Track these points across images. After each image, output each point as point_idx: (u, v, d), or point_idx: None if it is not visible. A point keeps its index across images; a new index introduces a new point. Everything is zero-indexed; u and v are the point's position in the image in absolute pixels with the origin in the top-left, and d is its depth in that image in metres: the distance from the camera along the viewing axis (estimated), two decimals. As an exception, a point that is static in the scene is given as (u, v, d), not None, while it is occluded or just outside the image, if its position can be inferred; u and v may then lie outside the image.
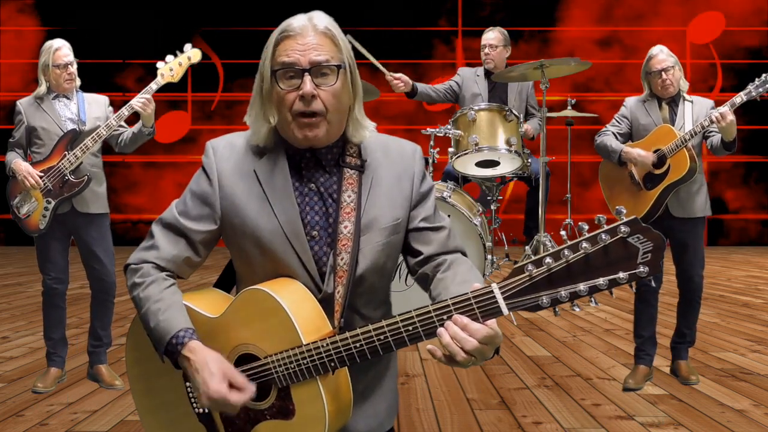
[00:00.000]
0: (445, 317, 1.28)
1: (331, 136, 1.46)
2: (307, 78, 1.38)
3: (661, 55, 3.33)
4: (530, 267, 1.21)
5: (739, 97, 3.20)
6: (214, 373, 1.35)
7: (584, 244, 1.17)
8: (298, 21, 1.42)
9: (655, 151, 3.33)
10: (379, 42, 7.64)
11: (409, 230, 1.52)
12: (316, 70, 1.39)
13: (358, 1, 10.13)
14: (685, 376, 3.37)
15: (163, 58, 3.40)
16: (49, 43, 3.38)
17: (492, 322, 1.26)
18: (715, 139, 3.32)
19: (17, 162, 3.29)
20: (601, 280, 1.16)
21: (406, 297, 4.07)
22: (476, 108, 4.85)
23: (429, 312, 1.29)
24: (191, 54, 3.41)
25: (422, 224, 1.52)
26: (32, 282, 6.74)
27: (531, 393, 3.25)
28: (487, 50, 5.25)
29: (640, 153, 3.35)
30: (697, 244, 3.38)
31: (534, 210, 5.59)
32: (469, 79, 5.35)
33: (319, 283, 1.46)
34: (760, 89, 3.19)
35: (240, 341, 1.43)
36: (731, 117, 3.14)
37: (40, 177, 3.26)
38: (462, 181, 5.24)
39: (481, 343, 1.24)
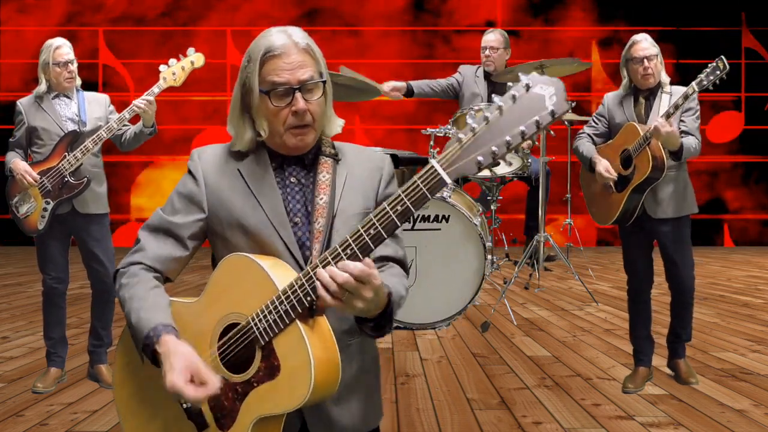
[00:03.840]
0: (399, 207, 1.34)
1: (316, 139, 1.60)
2: (299, 95, 1.52)
3: (645, 42, 3.20)
4: (460, 136, 1.29)
5: (691, 88, 3.08)
6: (174, 367, 1.40)
7: (499, 103, 1.27)
8: (279, 40, 1.53)
9: (623, 151, 3.26)
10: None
11: None
12: (305, 87, 1.53)
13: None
14: (685, 378, 3.35)
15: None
16: (49, 41, 3.36)
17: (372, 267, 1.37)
18: (686, 142, 3.15)
19: (15, 161, 3.30)
20: (522, 127, 1.25)
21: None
22: (476, 108, 4.85)
23: (385, 208, 1.35)
24: (194, 58, 3.39)
25: None
26: (32, 282, 6.73)
27: (531, 393, 3.25)
28: (487, 52, 5.24)
29: (602, 173, 3.26)
30: (684, 244, 3.28)
31: (534, 210, 5.60)
32: (470, 78, 5.34)
33: (303, 264, 1.54)
34: (711, 77, 3.06)
35: (222, 313, 1.48)
36: (667, 129, 3.00)
37: (39, 178, 3.26)
38: (462, 181, 5.24)
39: (356, 279, 1.34)
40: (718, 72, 3.07)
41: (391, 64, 10.22)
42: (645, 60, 3.18)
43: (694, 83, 3.10)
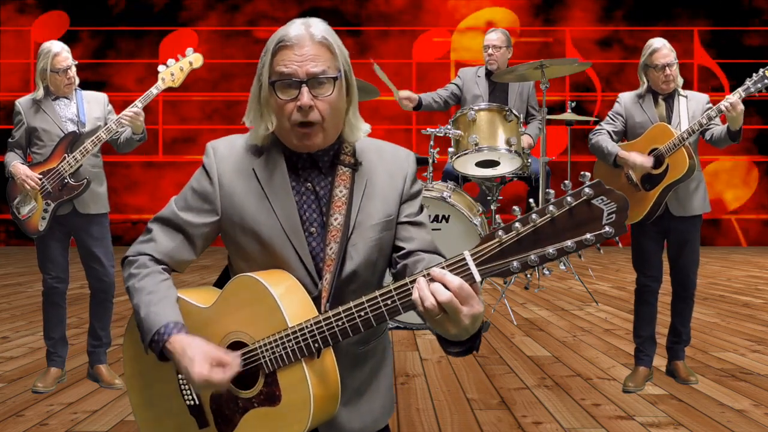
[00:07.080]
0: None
1: (327, 141, 1.50)
2: (305, 89, 1.42)
3: (665, 49, 3.29)
4: (500, 233, 1.21)
5: (737, 93, 3.16)
6: (193, 358, 1.38)
7: (551, 208, 1.18)
8: (295, 30, 1.44)
9: (652, 150, 3.29)
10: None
11: (396, 224, 1.57)
12: (314, 81, 1.42)
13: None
14: (684, 377, 3.36)
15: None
16: (46, 47, 3.32)
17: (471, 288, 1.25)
18: (717, 130, 3.28)
19: (15, 165, 3.28)
20: (569, 242, 1.17)
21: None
22: (476, 108, 4.85)
23: (406, 284, 1.29)
24: (193, 59, 3.38)
25: (405, 219, 1.56)
26: (32, 282, 6.74)
27: (531, 393, 3.25)
28: (490, 51, 5.25)
29: (636, 159, 3.27)
30: (695, 242, 3.37)
31: (534, 210, 5.58)
32: (470, 80, 5.35)
33: (315, 278, 1.49)
34: (758, 85, 3.16)
35: (230, 329, 1.47)
36: (741, 106, 3.11)
37: (40, 179, 3.26)
38: (462, 181, 5.24)
39: (456, 296, 1.22)
40: (766, 81, 3.17)
41: (391, 64, 10.22)
42: (666, 68, 3.28)
43: (740, 89, 3.18)
